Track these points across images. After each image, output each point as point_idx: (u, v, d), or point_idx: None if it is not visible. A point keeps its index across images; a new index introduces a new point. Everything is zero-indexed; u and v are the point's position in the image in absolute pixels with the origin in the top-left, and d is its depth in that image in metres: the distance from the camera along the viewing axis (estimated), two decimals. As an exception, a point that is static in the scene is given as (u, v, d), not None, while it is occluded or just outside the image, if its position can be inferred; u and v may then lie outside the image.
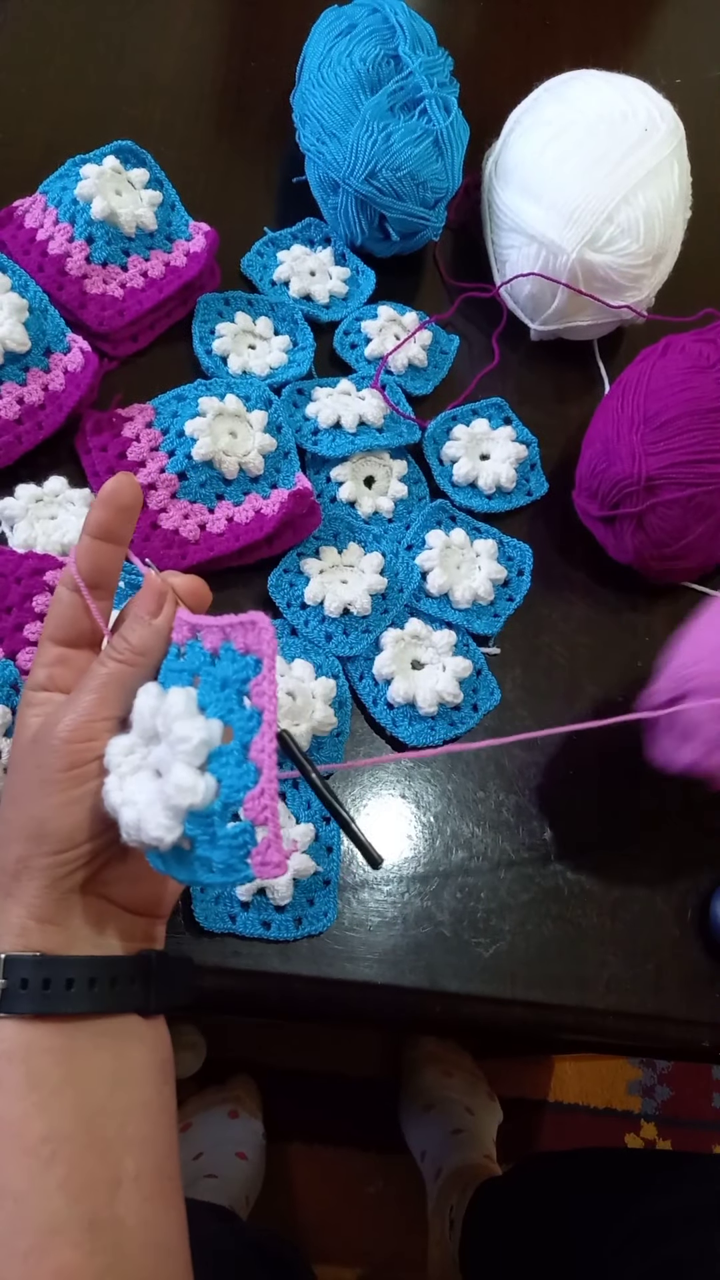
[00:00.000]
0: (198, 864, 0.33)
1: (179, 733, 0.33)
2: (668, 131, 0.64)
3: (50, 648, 0.39)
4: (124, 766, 0.35)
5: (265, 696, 0.33)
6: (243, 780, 0.33)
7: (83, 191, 0.62)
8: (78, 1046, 0.35)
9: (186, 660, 0.36)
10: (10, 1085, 0.34)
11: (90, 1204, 0.33)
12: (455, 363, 0.70)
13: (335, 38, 0.66)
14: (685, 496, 0.58)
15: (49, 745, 0.35)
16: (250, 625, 0.34)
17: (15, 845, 0.36)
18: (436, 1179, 1.03)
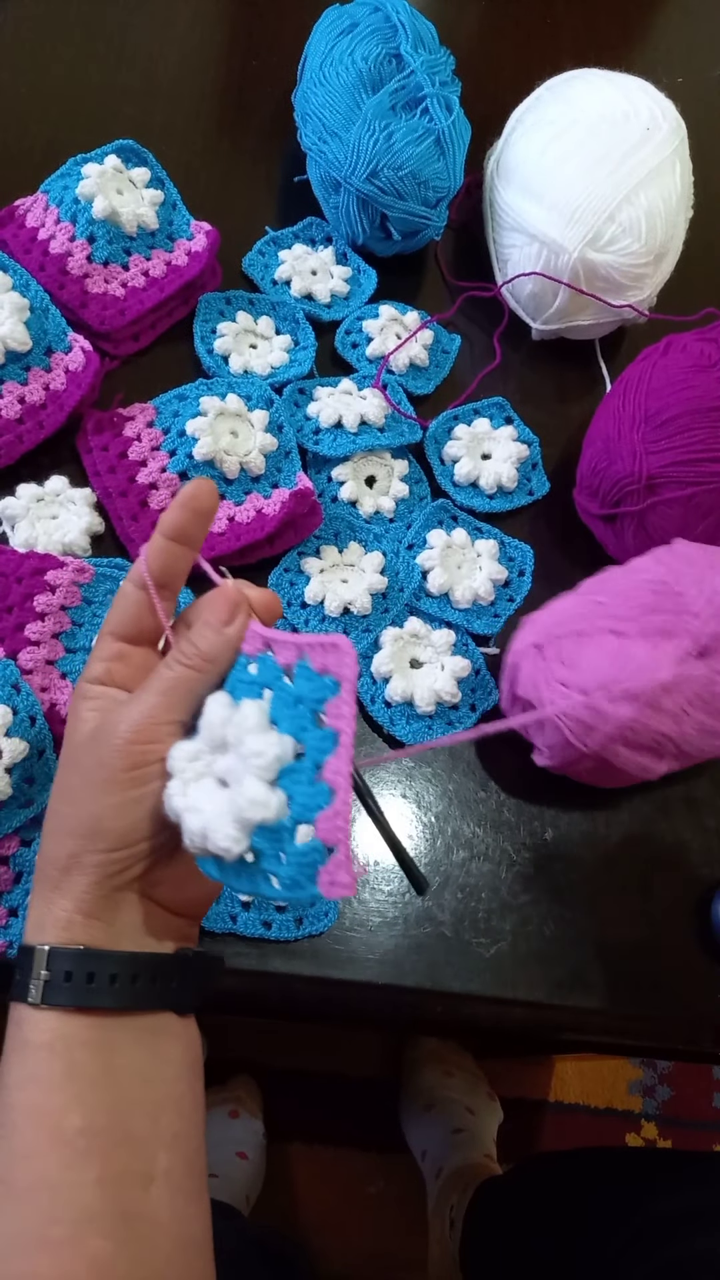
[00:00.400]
0: (260, 877, 0.34)
1: (253, 746, 0.34)
2: (669, 131, 0.64)
3: (110, 643, 0.39)
4: (188, 772, 0.35)
5: (344, 719, 0.34)
6: (315, 799, 0.33)
7: (84, 191, 0.62)
8: (116, 1041, 0.36)
9: (258, 673, 0.36)
10: (49, 1077, 0.34)
11: (123, 1197, 0.34)
12: (457, 362, 0.70)
13: (337, 36, 0.66)
14: (686, 495, 0.58)
15: (111, 744, 0.35)
16: (332, 647, 0.35)
17: (69, 840, 0.36)
18: (437, 1178, 1.03)
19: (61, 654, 0.53)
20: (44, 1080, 0.34)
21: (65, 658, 0.53)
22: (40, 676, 0.52)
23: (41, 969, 0.35)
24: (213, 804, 0.34)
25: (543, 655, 0.53)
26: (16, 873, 0.48)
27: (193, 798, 0.34)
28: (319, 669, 0.35)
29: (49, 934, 0.35)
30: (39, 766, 0.49)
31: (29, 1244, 0.32)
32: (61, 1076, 0.34)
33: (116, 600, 0.39)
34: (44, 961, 0.35)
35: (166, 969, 0.38)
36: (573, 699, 0.51)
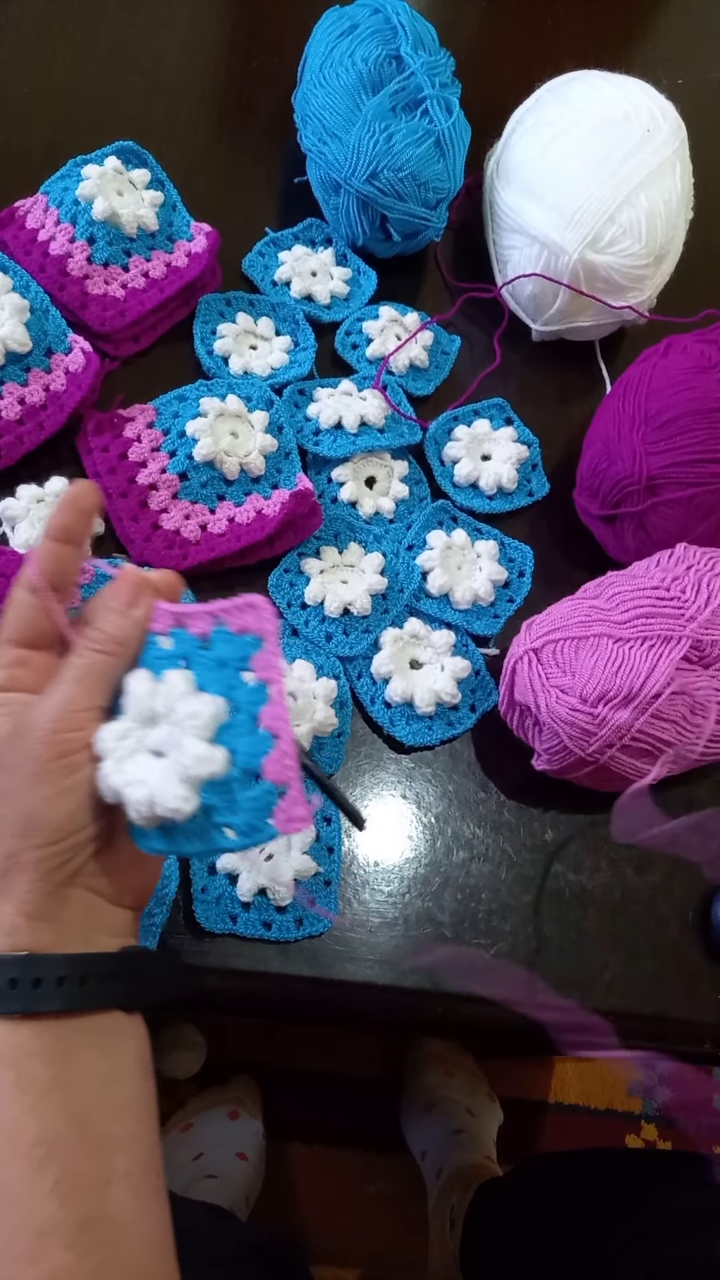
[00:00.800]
0: (214, 831, 0.35)
1: (188, 709, 0.35)
2: (669, 132, 0.64)
3: (9, 649, 0.39)
4: (120, 750, 0.36)
5: (272, 669, 0.36)
6: (258, 746, 0.35)
7: (84, 192, 0.62)
8: (67, 1046, 0.35)
9: (174, 648, 0.37)
10: (1, 1089, 0.34)
11: (82, 1204, 0.33)
12: (456, 363, 0.70)
13: (337, 38, 0.66)
14: (686, 496, 0.58)
15: (35, 738, 0.35)
16: (249, 607, 0.37)
17: (5, 840, 0.35)
18: (437, 1179, 1.03)
19: (62, 655, 0.53)
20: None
21: (65, 659, 0.53)
22: (40, 677, 0.52)
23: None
24: (154, 773, 0.35)
25: (540, 660, 0.53)
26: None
27: (130, 773, 0.35)
28: (237, 630, 0.37)
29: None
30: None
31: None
32: (13, 1088, 0.34)
33: (9, 607, 0.39)
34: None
35: (115, 967, 0.37)
36: (571, 705, 0.51)
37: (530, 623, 0.55)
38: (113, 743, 0.36)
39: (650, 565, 0.56)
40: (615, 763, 0.51)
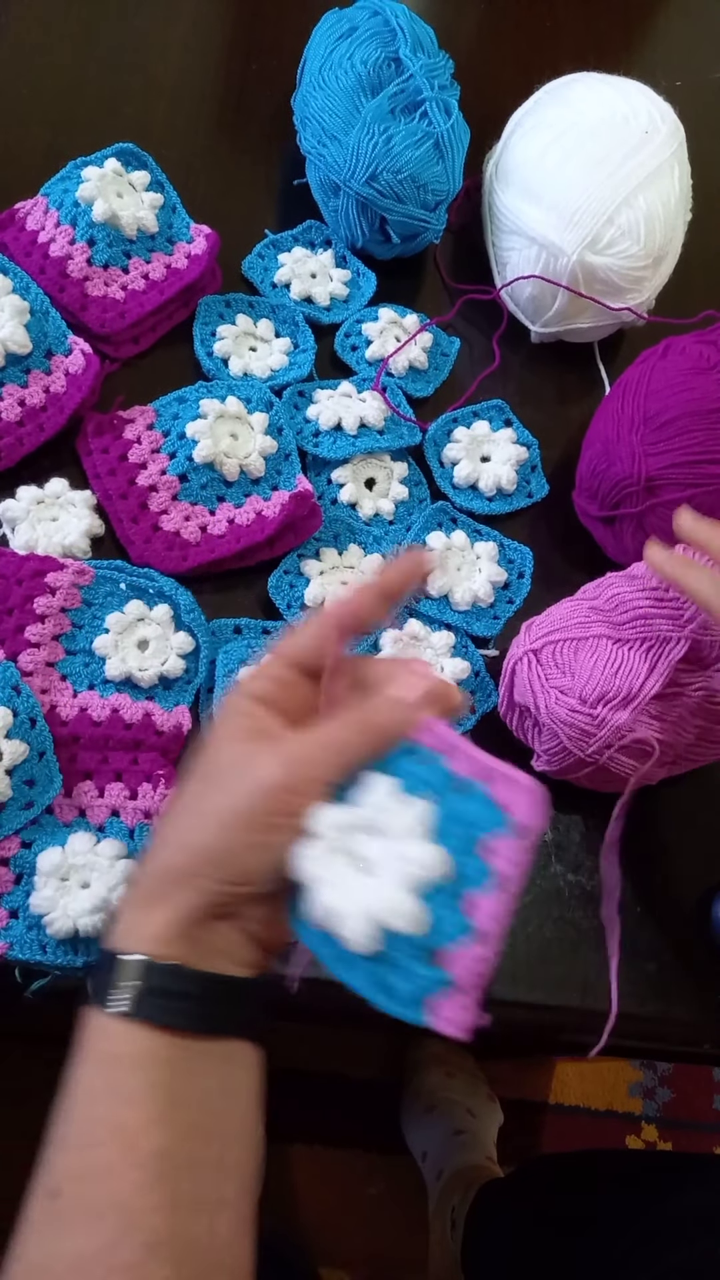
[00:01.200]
0: (368, 975, 0.34)
1: (416, 854, 0.34)
2: (668, 134, 0.64)
3: (282, 666, 0.38)
4: (329, 841, 0.34)
5: (514, 866, 0.34)
6: (455, 931, 0.33)
7: (84, 194, 0.62)
8: (194, 1065, 0.35)
9: (427, 774, 0.36)
10: (131, 1093, 0.34)
11: (189, 1224, 0.33)
12: (456, 365, 0.70)
13: (336, 40, 0.66)
14: (685, 497, 0.58)
15: (260, 781, 0.35)
16: (524, 790, 0.34)
17: (190, 858, 0.35)
18: (438, 1180, 1.03)
19: (61, 656, 0.53)
20: (126, 1096, 0.34)
21: (65, 660, 0.54)
22: (40, 678, 0.52)
23: (130, 979, 0.34)
24: (349, 888, 0.33)
25: (539, 661, 0.53)
26: (17, 874, 0.48)
27: (327, 873, 0.34)
28: (498, 800, 0.35)
29: (142, 944, 0.35)
30: (39, 768, 0.49)
31: (99, 1266, 0.32)
32: (143, 1094, 0.34)
33: (304, 627, 0.39)
34: (134, 972, 0.34)
35: (248, 995, 0.37)
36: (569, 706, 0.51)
37: (530, 624, 0.55)
38: (327, 830, 0.34)
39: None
40: (614, 763, 0.52)
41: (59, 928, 0.46)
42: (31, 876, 0.48)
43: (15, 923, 0.48)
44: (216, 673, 0.55)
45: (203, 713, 0.55)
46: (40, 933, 0.47)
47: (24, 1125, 0.95)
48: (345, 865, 0.34)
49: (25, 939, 0.47)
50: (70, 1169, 0.34)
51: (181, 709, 0.54)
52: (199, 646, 0.55)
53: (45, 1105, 0.36)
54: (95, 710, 0.52)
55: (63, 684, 0.53)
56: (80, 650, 0.54)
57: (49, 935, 0.47)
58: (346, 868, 0.34)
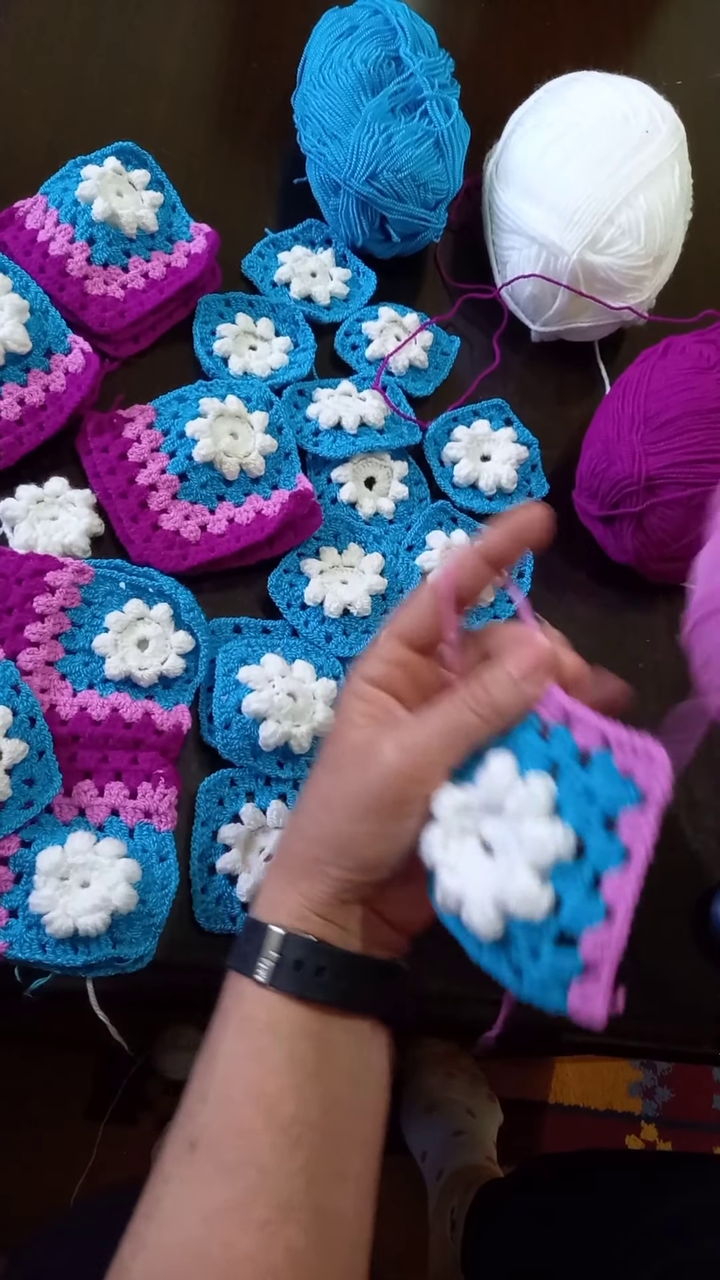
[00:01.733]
0: (504, 962, 0.33)
1: (535, 833, 0.33)
2: (669, 133, 0.64)
3: (396, 646, 0.38)
4: (453, 825, 0.34)
5: (642, 840, 0.32)
6: (588, 913, 0.32)
7: (84, 193, 0.62)
8: (331, 1038, 0.36)
9: (550, 747, 0.35)
10: (273, 1061, 0.35)
11: (321, 1192, 0.34)
12: (456, 364, 0.70)
13: (336, 39, 0.66)
14: (685, 496, 0.58)
15: (381, 771, 0.35)
16: (646, 755, 0.33)
17: (317, 847, 0.36)
18: (438, 1180, 1.03)
19: (61, 655, 0.53)
20: (266, 1061, 0.35)
21: (65, 659, 0.53)
22: (40, 678, 0.52)
23: (273, 950, 0.36)
24: (474, 871, 0.33)
25: None
26: (16, 873, 0.48)
27: (453, 854, 0.34)
28: (623, 770, 0.33)
29: (283, 918, 0.36)
30: (39, 767, 0.49)
31: (235, 1220, 0.33)
32: (284, 1062, 0.35)
33: (410, 604, 0.38)
34: (277, 944, 0.36)
35: (384, 976, 0.38)
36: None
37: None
38: (450, 813, 0.34)
39: None
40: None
41: (58, 927, 0.46)
42: (31, 875, 0.48)
43: (15, 922, 0.47)
44: (216, 672, 0.55)
45: (202, 711, 0.55)
46: (40, 932, 0.47)
47: (24, 1124, 0.95)
48: (469, 848, 0.34)
49: (25, 938, 0.47)
50: (209, 1123, 0.35)
51: (181, 708, 0.54)
52: (199, 645, 0.55)
53: (45, 1104, 0.37)
54: (95, 709, 0.52)
55: (62, 683, 0.53)
56: (80, 649, 0.54)
57: (48, 934, 0.46)
58: (470, 851, 0.34)
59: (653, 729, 0.52)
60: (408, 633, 0.38)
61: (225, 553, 0.58)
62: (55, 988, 0.48)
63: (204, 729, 0.55)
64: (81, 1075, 1.09)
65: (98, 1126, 1.05)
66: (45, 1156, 1.05)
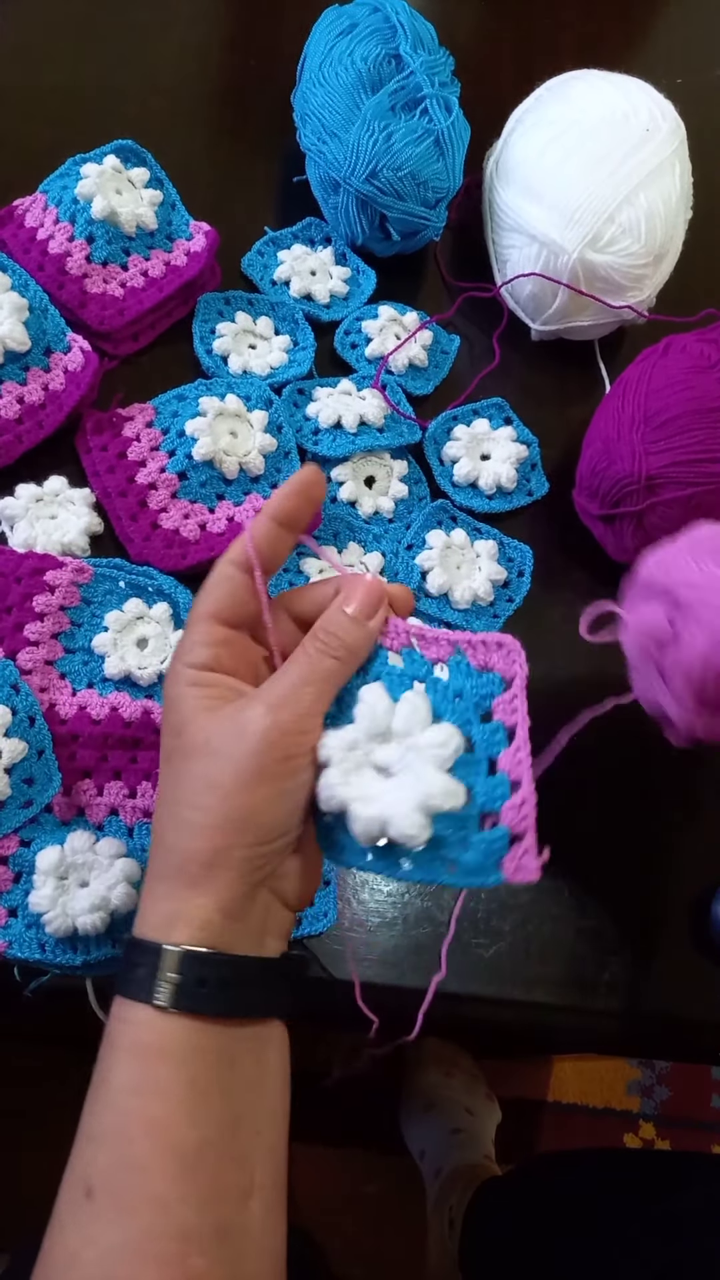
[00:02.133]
0: (439, 864, 0.35)
1: (433, 738, 0.35)
2: (669, 131, 0.64)
3: (214, 626, 0.38)
4: (348, 762, 0.35)
5: (518, 715, 0.36)
6: (496, 790, 0.35)
7: (83, 191, 0.62)
8: (232, 1051, 0.35)
9: (405, 667, 0.38)
10: (169, 1088, 0.34)
11: (222, 1212, 0.33)
12: (456, 363, 0.70)
13: (336, 37, 0.66)
14: (685, 496, 0.58)
15: (259, 735, 0.35)
16: (497, 646, 0.37)
17: (215, 834, 0.35)
18: (436, 1179, 1.03)
19: (60, 654, 0.53)
20: (164, 1092, 0.33)
21: (64, 658, 0.53)
22: (39, 677, 0.52)
23: (171, 971, 0.34)
24: (383, 793, 0.35)
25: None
26: (16, 873, 0.48)
27: (357, 788, 0.35)
28: (479, 666, 0.37)
29: (181, 933, 0.34)
30: (38, 766, 0.49)
31: (134, 1257, 0.32)
32: (184, 1089, 0.34)
33: (214, 581, 0.38)
34: (176, 963, 0.34)
35: (281, 973, 0.37)
36: None
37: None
38: (339, 752, 0.35)
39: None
40: None
41: (58, 926, 0.46)
42: (30, 875, 0.48)
43: (14, 921, 0.47)
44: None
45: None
46: (39, 931, 0.47)
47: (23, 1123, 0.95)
48: (369, 778, 0.35)
49: (24, 937, 0.47)
50: (103, 1164, 0.34)
51: (181, 707, 0.54)
52: (198, 645, 0.55)
53: (44, 1103, 0.36)
54: (94, 708, 0.52)
55: (61, 682, 0.53)
56: (79, 648, 0.54)
57: (48, 934, 0.46)
58: (372, 779, 0.35)
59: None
60: (222, 611, 0.38)
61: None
62: (55, 987, 0.48)
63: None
64: (81, 1074, 1.09)
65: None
66: (44, 1155, 1.05)
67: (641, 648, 0.47)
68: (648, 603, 0.47)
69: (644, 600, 0.47)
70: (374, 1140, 1.15)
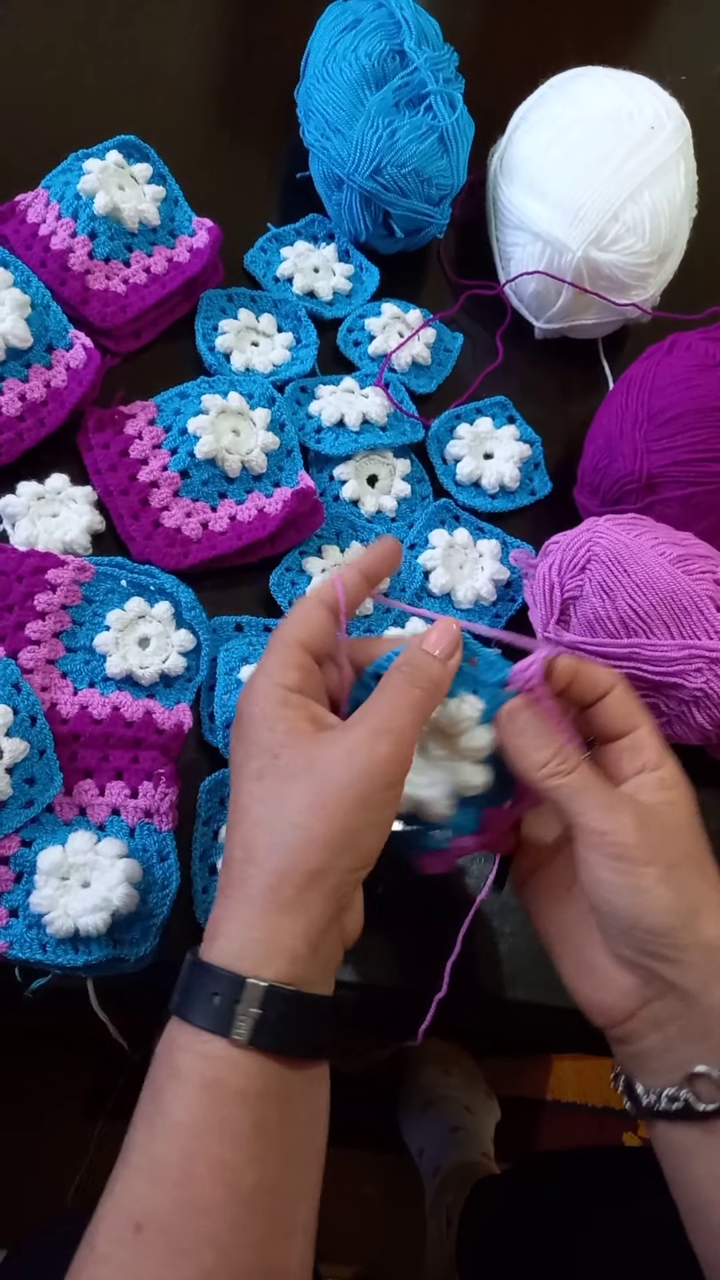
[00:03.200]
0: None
1: (475, 742, 0.42)
2: (673, 129, 0.64)
3: (303, 653, 0.40)
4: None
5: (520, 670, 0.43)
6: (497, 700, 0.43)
7: (85, 186, 0.61)
8: (292, 1090, 0.35)
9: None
10: (238, 1129, 0.33)
11: (272, 1254, 0.33)
12: (459, 361, 0.70)
13: (340, 32, 0.65)
14: (685, 495, 0.58)
15: (372, 758, 0.36)
16: (526, 664, 0.43)
17: (318, 853, 0.35)
18: (434, 1177, 1.03)
19: (62, 653, 0.53)
20: (233, 1133, 0.33)
21: (66, 657, 0.53)
22: (41, 676, 0.52)
23: (254, 1006, 0.33)
24: (424, 780, 0.42)
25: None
26: (17, 873, 0.48)
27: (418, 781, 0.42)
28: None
29: (270, 967, 0.34)
30: (39, 766, 0.49)
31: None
32: (250, 1130, 0.33)
33: (305, 615, 0.41)
34: (259, 998, 0.33)
35: (340, 1013, 0.37)
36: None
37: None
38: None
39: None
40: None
41: (59, 927, 0.46)
42: (31, 875, 0.47)
43: (15, 921, 0.47)
44: (218, 670, 0.54)
45: (204, 710, 0.55)
46: (40, 932, 0.47)
47: (23, 1122, 0.95)
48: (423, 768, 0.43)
49: (25, 938, 0.47)
50: (161, 1203, 0.32)
51: (183, 707, 0.53)
52: (200, 644, 0.55)
53: (44, 1103, 0.36)
54: (96, 708, 0.52)
55: (63, 681, 0.52)
56: (81, 647, 0.54)
57: (49, 934, 0.46)
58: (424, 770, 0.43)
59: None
60: (310, 640, 0.40)
61: (227, 550, 0.58)
62: (55, 987, 0.48)
63: (205, 728, 0.55)
64: (80, 1074, 1.09)
65: (96, 1125, 1.06)
66: (44, 1154, 1.05)
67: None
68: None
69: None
70: (372, 1139, 1.15)
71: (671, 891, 0.37)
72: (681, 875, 0.38)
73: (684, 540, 0.54)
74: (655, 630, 0.51)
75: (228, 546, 0.58)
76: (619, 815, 0.38)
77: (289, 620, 0.41)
